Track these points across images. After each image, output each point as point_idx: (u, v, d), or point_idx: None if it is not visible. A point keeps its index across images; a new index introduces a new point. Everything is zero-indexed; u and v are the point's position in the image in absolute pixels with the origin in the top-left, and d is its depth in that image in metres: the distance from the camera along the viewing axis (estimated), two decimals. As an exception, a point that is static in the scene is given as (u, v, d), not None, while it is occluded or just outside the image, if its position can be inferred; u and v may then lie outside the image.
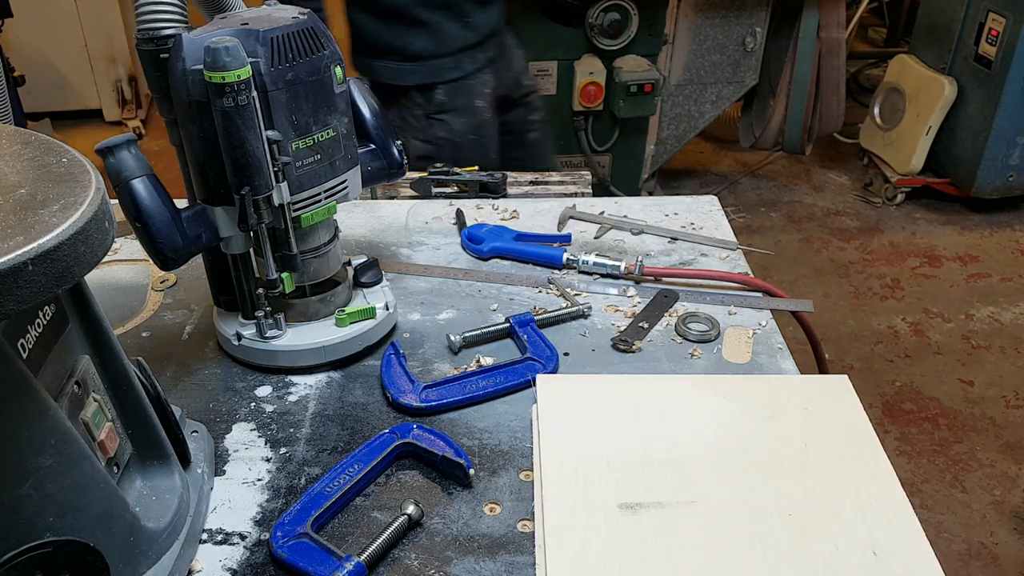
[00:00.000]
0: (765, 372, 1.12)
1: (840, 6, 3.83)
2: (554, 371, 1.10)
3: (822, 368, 1.34)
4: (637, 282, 1.30)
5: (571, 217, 1.47)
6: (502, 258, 1.38)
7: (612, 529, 0.83)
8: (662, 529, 0.83)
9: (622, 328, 1.20)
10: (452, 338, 1.15)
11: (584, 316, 1.22)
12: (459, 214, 1.48)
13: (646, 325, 1.20)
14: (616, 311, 1.24)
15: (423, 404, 1.04)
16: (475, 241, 1.39)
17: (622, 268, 1.30)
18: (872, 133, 4.05)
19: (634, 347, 1.15)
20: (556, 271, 1.34)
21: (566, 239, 1.41)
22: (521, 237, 1.40)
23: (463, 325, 1.19)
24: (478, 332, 1.17)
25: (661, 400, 1.00)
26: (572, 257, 1.33)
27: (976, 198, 3.78)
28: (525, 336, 1.15)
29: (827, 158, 4.41)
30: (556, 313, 1.21)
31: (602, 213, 1.49)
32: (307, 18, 0.98)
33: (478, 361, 1.13)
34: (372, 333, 1.13)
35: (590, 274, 1.32)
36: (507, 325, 1.17)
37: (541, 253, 1.36)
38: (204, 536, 0.88)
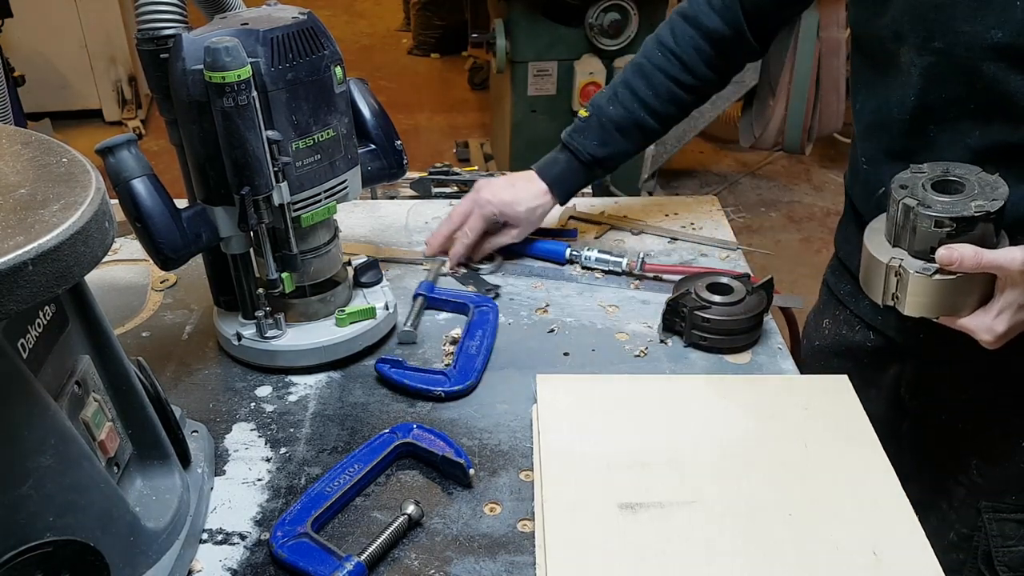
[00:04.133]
0: (765, 372, 1.12)
1: (840, 6, 3.82)
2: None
3: (798, 360, 1.33)
4: (639, 280, 1.30)
5: (571, 217, 1.47)
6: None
7: (612, 529, 0.83)
8: (662, 529, 0.83)
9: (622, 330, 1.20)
10: (406, 329, 1.17)
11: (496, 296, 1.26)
12: (459, 214, 1.48)
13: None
14: (617, 311, 1.24)
15: (459, 386, 1.06)
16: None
17: (624, 264, 1.30)
18: (872, 133, 4.04)
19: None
20: (558, 265, 1.34)
21: (572, 234, 1.41)
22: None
23: (463, 324, 1.19)
24: (412, 316, 1.19)
25: (661, 400, 1.00)
26: (575, 252, 1.33)
27: (976, 198, 3.77)
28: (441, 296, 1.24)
29: (827, 158, 4.40)
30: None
31: (602, 213, 1.49)
32: (307, 18, 0.98)
33: (451, 340, 1.16)
34: (372, 333, 1.13)
35: (592, 270, 1.33)
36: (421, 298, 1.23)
37: (544, 248, 1.36)
38: (204, 536, 0.88)
